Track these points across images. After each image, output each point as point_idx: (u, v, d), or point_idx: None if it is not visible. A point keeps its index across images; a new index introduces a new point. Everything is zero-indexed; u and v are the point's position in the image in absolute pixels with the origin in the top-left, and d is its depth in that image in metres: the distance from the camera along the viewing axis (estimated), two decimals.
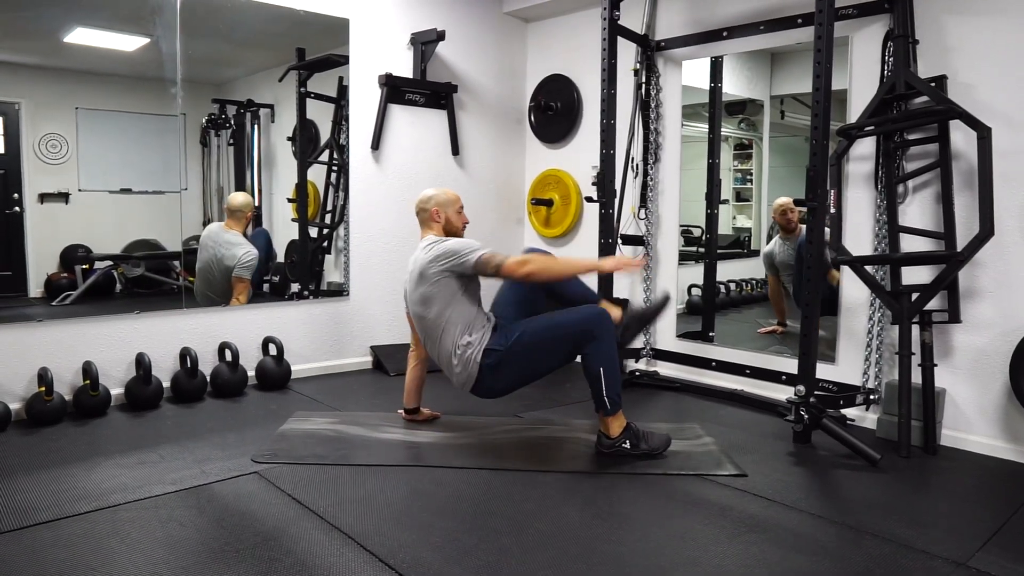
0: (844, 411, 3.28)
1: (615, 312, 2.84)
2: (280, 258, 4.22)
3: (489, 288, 2.96)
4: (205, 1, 3.64)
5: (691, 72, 4.08)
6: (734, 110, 4.32)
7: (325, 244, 4.31)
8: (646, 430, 2.81)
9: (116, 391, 3.36)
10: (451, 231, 2.95)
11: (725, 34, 3.78)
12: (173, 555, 1.95)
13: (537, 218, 4.89)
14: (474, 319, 2.79)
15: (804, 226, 3.75)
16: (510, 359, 2.74)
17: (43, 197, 3.49)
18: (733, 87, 4.12)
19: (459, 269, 2.73)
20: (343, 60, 4.10)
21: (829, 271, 3.36)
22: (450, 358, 2.78)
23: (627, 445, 2.75)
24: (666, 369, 4.14)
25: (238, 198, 3.97)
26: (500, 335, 2.77)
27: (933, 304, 2.98)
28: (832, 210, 3.13)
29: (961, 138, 2.97)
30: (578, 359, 2.81)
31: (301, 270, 4.18)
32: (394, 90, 4.24)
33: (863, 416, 3.29)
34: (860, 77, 3.31)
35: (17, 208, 3.45)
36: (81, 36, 3.49)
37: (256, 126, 4.18)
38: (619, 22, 3.73)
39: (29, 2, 3.27)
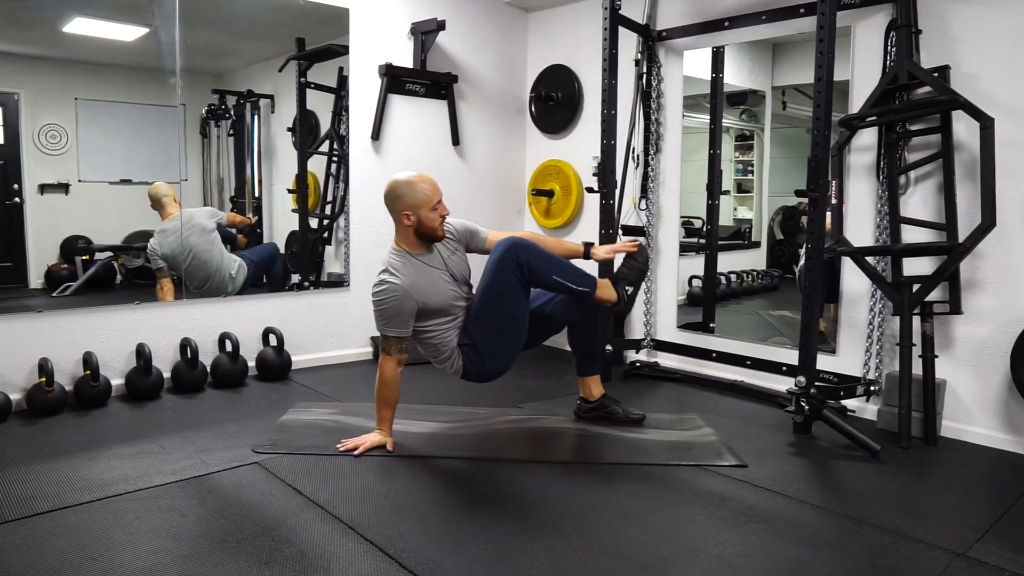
0: (844, 402, 3.28)
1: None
2: (280, 249, 4.22)
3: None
4: None
5: (692, 62, 4.06)
6: (735, 101, 4.30)
7: (325, 235, 4.30)
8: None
9: (117, 382, 3.37)
10: (424, 232, 2.66)
11: (727, 24, 3.76)
12: (174, 545, 1.96)
13: (538, 209, 4.88)
14: (445, 325, 2.72)
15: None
16: (481, 330, 2.69)
17: (43, 188, 3.48)
18: (734, 78, 4.10)
19: None
20: (343, 50, 4.08)
21: None
22: (434, 353, 2.76)
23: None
24: (666, 360, 4.14)
25: (159, 188, 3.72)
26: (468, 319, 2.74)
27: (934, 295, 2.98)
28: (833, 201, 3.12)
29: (963, 129, 2.95)
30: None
31: (301, 261, 4.17)
32: (394, 80, 4.22)
33: (863, 407, 3.29)
34: (862, 67, 3.29)
35: (17, 199, 3.44)
36: (80, 26, 3.48)
37: (256, 117, 4.17)
38: (620, 12, 3.71)
39: None
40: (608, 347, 3.80)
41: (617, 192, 3.86)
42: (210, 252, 3.81)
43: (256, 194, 4.21)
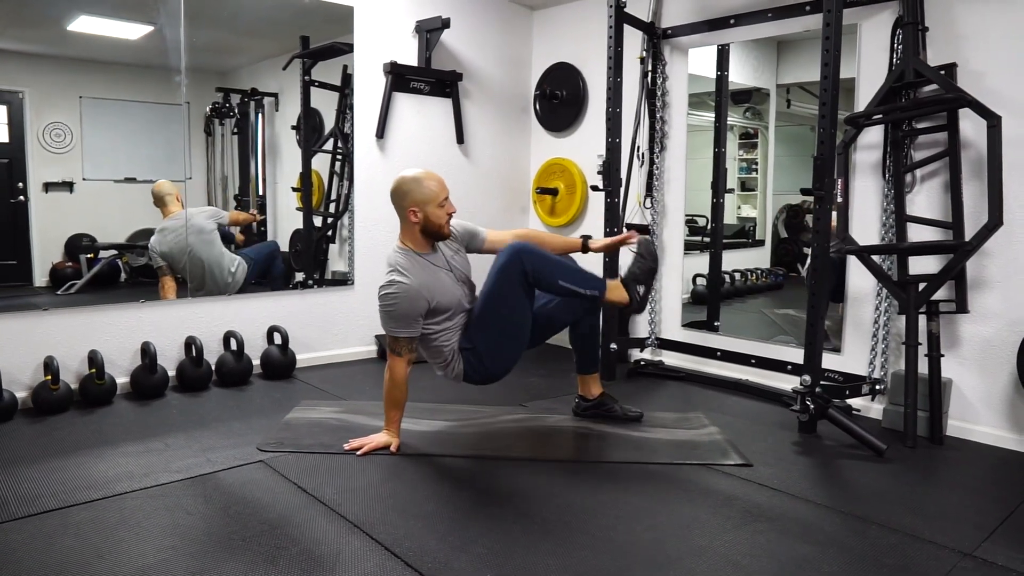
0: (850, 401, 3.27)
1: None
2: (284, 247, 4.22)
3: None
4: None
5: (697, 60, 4.05)
6: (740, 99, 4.30)
7: (329, 233, 4.30)
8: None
9: (122, 380, 3.37)
10: (431, 229, 2.64)
11: (732, 22, 3.75)
12: (180, 543, 1.96)
13: (542, 207, 4.87)
14: (448, 325, 2.70)
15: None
16: (483, 333, 2.68)
17: (47, 186, 3.48)
18: (739, 76, 4.09)
19: None
20: (347, 48, 4.08)
21: None
22: (435, 356, 2.75)
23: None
24: (671, 359, 4.14)
25: (163, 186, 3.73)
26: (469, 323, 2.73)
27: (940, 294, 2.97)
28: (839, 199, 3.11)
29: (970, 127, 2.94)
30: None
31: (306, 259, 4.17)
32: (399, 78, 4.22)
33: (869, 406, 3.28)
34: (868, 65, 3.28)
35: (22, 197, 3.44)
36: (85, 24, 3.47)
37: (260, 115, 4.17)
38: (625, 9, 3.71)
39: None
40: (612, 345, 3.80)
41: (622, 190, 3.86)
42: (209, 252, 3.81)
43: (260, 192, 4.21)
